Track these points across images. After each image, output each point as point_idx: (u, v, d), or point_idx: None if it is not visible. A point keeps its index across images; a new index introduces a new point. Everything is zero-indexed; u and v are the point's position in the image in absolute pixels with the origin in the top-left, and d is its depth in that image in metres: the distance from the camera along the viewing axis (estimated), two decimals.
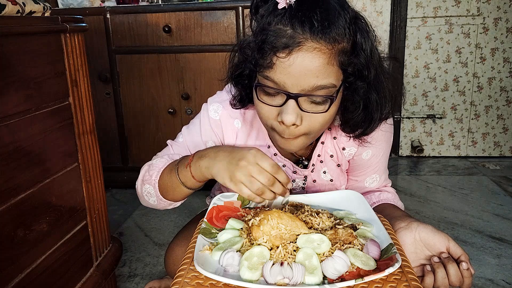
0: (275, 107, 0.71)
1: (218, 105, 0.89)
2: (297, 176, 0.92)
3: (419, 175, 2.32)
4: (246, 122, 0.89)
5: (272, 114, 0.72)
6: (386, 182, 0.96)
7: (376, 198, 0.89)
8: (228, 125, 0.89)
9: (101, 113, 2.10)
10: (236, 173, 0.68)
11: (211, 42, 1.95)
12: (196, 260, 0.61)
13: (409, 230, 0.70)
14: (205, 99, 0.95)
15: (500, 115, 2.50)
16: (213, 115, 0.89)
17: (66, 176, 1.03)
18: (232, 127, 0.89)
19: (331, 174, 0.92)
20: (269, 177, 0.68)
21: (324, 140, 0.89)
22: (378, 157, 0.92)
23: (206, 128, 0.91)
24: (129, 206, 2.02)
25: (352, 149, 0.90)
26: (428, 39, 2.43)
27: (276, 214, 0.67)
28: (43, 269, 0.94)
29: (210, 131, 0.90)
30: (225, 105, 0.89)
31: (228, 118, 0.88)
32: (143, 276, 1.44)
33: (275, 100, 0.71)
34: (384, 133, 0.87)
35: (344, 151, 0.90)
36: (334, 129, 0.88)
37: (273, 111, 0.71)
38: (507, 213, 1.83)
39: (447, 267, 0.65)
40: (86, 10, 2.00)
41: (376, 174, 0.93)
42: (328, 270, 0.60)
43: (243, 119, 0.89)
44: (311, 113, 0.70)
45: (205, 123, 0.91)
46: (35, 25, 0.92)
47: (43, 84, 0.94)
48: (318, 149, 0.90)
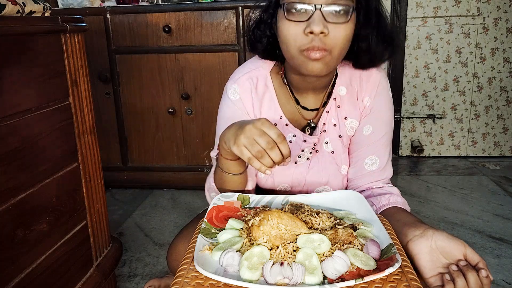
0: (302, 23, 0.78)
1: (234, 85, 0.95)
2: (306, 145, 0.96)
3: (419, 175, 2.32)
4: (258, 94, 0.95)
5: (300, 31, 0.78)
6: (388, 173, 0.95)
7: (386, 200, 0.88)
8: (247, 99, 0.95)
9: (101, 113, 2.10)
10: (240, 136, 0.72)
11: (211, 42, 1.95)
12: (196, 260, 0.61)
13: (424, 238, 0.69)
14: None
15: (500, 115, 2.50)
16: (233, 97, 0.95)
17: (66, 176, 1.03)
18: (249, 100, 0.95)
19: (332, 146, 0.96)
20: (269, 140, 0.71)
21: (329, 110, 0.94)
22: (378, 135, 0.93)
23: (234, 113, 0.95)
24: (129, 206, 2.02)
25: (354, 122, 0.94)
26: (428, 39, 2.43)
27: (276, 214, 0.67)
28: (43, 269, 0.94)
29: (238, 112, 0.95)
30: (239, 82, 0.95)
31: (245, 93, 0.95)
32: (143, 276, 1.44)
33: (302, 16, 0.78)
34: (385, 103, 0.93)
35: (346, 121, 0.94)
36: (339, 97, 0.94)
37: (300, 28, 0.78)
38: (507, 213, 1.83)
39: (466, 276, 0.64)
40: (86, 10, 2.00)
41: (375, 155, 0.93)
42: (328, 270, 0.60)
43: (256, 91, 0.95)
44: (335, 24, 0.77)
45: (230, 109, 0.96)
46: (35, 25, 0.92)
47: (43, 84, 0.94)
48: (323, 118, 0.95)
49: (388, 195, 0.89)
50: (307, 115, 0.96)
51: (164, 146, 2.14)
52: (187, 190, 2.16)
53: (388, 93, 0.94)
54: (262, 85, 0.95)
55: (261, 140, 0.70)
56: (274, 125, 0.73)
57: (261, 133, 0.71)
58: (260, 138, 0.71)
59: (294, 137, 0.95)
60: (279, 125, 0.95)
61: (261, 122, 0.72)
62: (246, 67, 0.96)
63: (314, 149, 0.97)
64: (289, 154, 0.72)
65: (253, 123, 0.72)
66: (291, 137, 0.95)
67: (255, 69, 0.95)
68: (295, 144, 0.95)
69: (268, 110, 0.95)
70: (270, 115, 0.95)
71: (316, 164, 0.97)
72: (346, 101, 0.94)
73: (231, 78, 0.97)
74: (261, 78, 0.95)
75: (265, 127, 0.72)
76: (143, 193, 2.16)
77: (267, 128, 0.71)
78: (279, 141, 0.71)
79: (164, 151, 2.14)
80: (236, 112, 0.95)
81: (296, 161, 0.97)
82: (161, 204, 2.03)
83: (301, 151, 0.96)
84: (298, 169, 0.98)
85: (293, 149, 0.95)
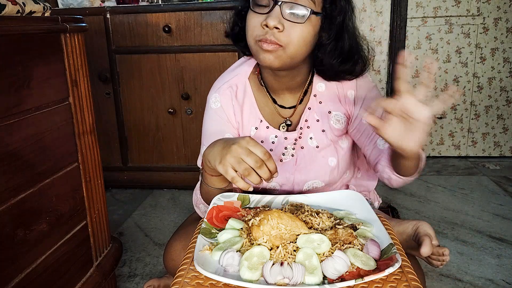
0: (262, 15, 0.82)
1: (215, 94, 0.99)
2: (288, 143, 0.98)
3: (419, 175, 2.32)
4: (238, 100, 0.99)
5: (259, 22, 0.82)
6: None
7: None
8: (228, 106, 0.98)
9: (101, 113, 2.10)
10: (226, 155, 0.73)
11: (211, 42, 1.95)
12: (196, 260, 0.61)
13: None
14: (205, 99, 1.01)
15: (500, 115, 2.50)
16: (215, 105, 0.99)
17: (66, 176, 1.03)
18: (231, 107, 0.98)
19: (317, 141, 0.98)
20: (256, 159, 0.71)
21: (311, 106, 0.97)
22: None
23: (217, 121, 0.98)
24: (129, 206, 2.02)
25: (338, 114, 0.97)
26: (428, 39, 2.43)
27: (276, 214, 0.67)
28: (43, 269, 0.94)
29: (221, 121, 0.98)
30: (220, 91, 0.98)
31: (226, 101, 0.98)
32: (143, 276, 1.44)
33: (263, 9, 0.82)
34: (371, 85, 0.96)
35: (330, 114, 0.97)
36: (319, 94, 0.96)
37: (260, 19, 0.82)
38: (507, 213, 1.83)
39: None
40: (86, 10, 2.00)
41: None
42: (328, 270, 0.60)
43: (236, 99, 0.98)
44: (291, 23, 0.81)
45: (213, 117, 0.99)
46: (35, 25, 0.92)
47: (43, 84, 0.94)
48: (305, 114, 0.97)
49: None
50: (285, 113, 0.99)
51: (164, 146, 2.14)
52: (187, 190, 2.16)
53: (369, 80, 0.97)
54: (242, 92, 0.98)
55: (249, 159, 0.71)
56: (258, 143, 0.74)
57: (248, 152, 0.72)
58: (247, 157, 0.71)
59: (276, 138, 0.98)
60: (260, 128, 0.98)
61: (246, 141, 0.73)
62: (226, 76, 1.00)
63: (297, 145, 0.98)
64: (276, 170, 0.73)
65: (238, 143, 0.73)
66: (273, 138, 0.98)
67: (234, 77, 0.99)
68: (278, 144, 0.98)
69: (249, 115, 0.98)
70: (251, 119, 0.98)
71: (302, 160, 0.99)
72: (327, 96, 0.97)
73: (212, 88, 1.01)
74: (240, 85, 0.98)
75: (250, 145, 0.72)
76: (143, 193, 2.16)
77: (252, 147, 0.72)
78: (265, 158, 0.72)
79: (164, 151, 2.14)
80: (218, 121, 0.98)
81: (281, 159, 0.99)
82: (161, 204, 2.03)
83: (284, 149, 0.99)
84: (285, 167, 0.99)
85: (277, 149, 0.98)
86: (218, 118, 0.98)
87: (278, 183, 1.00)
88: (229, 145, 0.74)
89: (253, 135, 0.98)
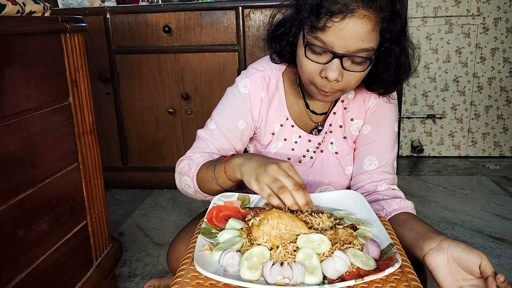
0: (319, 64, 0.79)
1: (246, 79, 0.95)
2: (311, 145, 0.97)
3: (419, 175, 2.32)
4: (269, 94, 0.95)
5: (316, 70, 0.79)
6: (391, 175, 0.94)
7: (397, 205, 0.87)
8: (255, 97, 0.95)
9: (101, 113, 2.10)
10: (263, 174, 0.72)
11: (211, 42, 1.95)
12: (196, 260, 0.61)
13: (441, 251, 0.67)
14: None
15: (500, 115, 2.50)
16: (243, 90, 0.95)
17: (66, 176, 1.03)
18: (258, 98, 0.95)
19: (337, 147, 0.97)
20: (295, 182, 0.71)
21: (336, 111, 0.95)
22: (377, 136, 0.93)
23: (238, 105, 0.95)
24: (129, 206, 2.02)
25: (359, 122, 0.96)
26: (428, 39, 2.43)
27: (276, 214, 0.67)
28: (43, 269, 0.94)
29: (243, 106, 0.95)
30: (252, 78, 0.95)
31: (255, 91, 0.95)
32: (143, 276, 1.44)
33: (320, 58, 0.78)
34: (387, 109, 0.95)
35: (352, 122, 0.95)
36: (346, 100, 0.95)
37: (317, 67, 0.79)
38: (507, 213, 1.83)
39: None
40: (86, 10, 2.00)
41: (373, 156, 0.93)
42: (328, 270, 0.60)
43: (267, 91, 0.95)
44: (351, 72, 0.78)
45: (237, 100, 0.95)
46: (35, 25, 0.92)
47: (43, 84, 0.94)
48: (330, 119, 0.96)
49: (399, 199, 0.88)
50: (315, 118, 0.97)
51: (164, 146, 2.13)
52: None
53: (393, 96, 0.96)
54: (274, 86, 0.95)
55: (286, 181, 0.71)
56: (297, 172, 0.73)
57: (287, 176, 0.71)
58: (286, 178, 0.71)
59: (299, 138, 0.96)
60: (285, 126, 0.95)
61: (287, 166, 0.73)
62: (260, 65, 0.96)
63: (318, 149, 0.97)
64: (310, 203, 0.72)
65: (278, 164, 0.73)
66: (297, 138, 0.96)
67: (270, 69, 0.96)
68: (300, 145, 0.96)
69: (276, 111, 0.96)
70: (277, 116, 0.96)
71: (319, 164, 0.98)
72: (353, 103, 0.95)
73: (243, 73, 0.97)
74: (273, 79, 0.95)
75: (290, 171, 0.72)
76: (143, 193, 2.16)
77: (292, 173, 0.72)
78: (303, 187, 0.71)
79: (164, 151, 2.14)
80: (239, 105, 0.95)
81: (300, 160, 0.98)
82: (161, 204, 2.03)
83: (306, 151, 0.97)
84: (301, 168, 0.98)
85: (299, 149, 0.97)
86: (241, 103, 0.95)
87: None
88: (267, 164, 0.73)
89: (277, 132, 0.96)
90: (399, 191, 0.92)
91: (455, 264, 0.66)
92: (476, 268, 0.64)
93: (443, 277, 0.66)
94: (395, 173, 0.96)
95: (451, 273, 0.66)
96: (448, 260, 0.66)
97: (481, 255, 0.65)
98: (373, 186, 0.93)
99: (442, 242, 0.68)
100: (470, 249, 0.66)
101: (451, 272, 0.66)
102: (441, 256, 0.67)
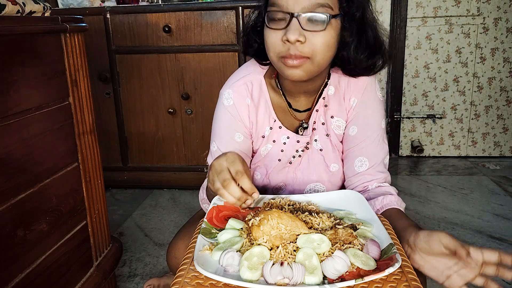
0: (280, 31, 0.79)
1: (228, 90, 0.96)
2: (299, 146, 0.97)
3: (419, 175, 2.32)
4: (254, 99, 0.95)
5: (279, 39, 0.79)
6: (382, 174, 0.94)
7: (380, 204, 0.87)
8: (241, 105, 0.95)
9: (101, 113, 2.10)
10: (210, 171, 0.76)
11: (211, 42, 1.95)
12: (196, 260, 0.61)
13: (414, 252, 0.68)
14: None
15: (500, 115, 2.50)
16: (227, 103, 0.95)
17: (66, 176, 1.03)
18: (245, 106, 0.95)
19: (321, 144, 0.97)
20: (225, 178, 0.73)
21: (318, 108, 0.95)
22: (364, 136, 0.93)
23: (228, 119, 0.96)
24: (129, 206, 2.02)
25: (340, 120, 0.95)
26: (428, 39, 2.43)
27: (276, 214, 0.67)
28: (43, 269, 0.94)
29: (232, 119, 0.96)
30: (234, 87, 0.95)
31: (240, 99, 0.95)
32: (143, 276, 1.44)
33: (280, 24, 0.79)
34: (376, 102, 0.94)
35: (332, 119, 0.95)
36: (327, 97, 0.94)
37: (279, 35, 0.79)
38: (507, 213, 1.83)
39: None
40: (86, 10, 2.00)
41: (363, 157, 0.93)
42: (328, 270, 0.60)
43: (251, 97, 0.95)
44: (312, 32, 0.77)
45: (225, 115, 0.96)
46: (35, 25, 0.92)
47: (43, 84, 0.94)
48: (313, 116, 0.95)
49: (382, 197, 0.88)
50: (300, 116, 0.97)
51: (164, 146, 2.14)
52: (187, 190, 2.16)
53: (376, 95, 0.94)
54: (257, 90, 0.95)
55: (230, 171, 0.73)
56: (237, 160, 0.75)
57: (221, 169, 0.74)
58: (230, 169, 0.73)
59: (288, 139, 0.96)
60: (273, 128, 0.96)
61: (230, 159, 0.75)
62: (241, 72, 0.97)
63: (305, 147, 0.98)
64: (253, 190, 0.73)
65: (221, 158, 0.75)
66: (285, 139, 0.96)
67: (250, 74, 0.96)
68: (289, 146, 0.96)
69: (264, 115, 0.96)
70: (266, 119, 0.96)
71: (306, 161, 0.98)
72: (333, 100, 0.95)
73: (226, 84, 0.98)
74: (255, 83, 0.95)
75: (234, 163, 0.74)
76: (143, 193, 2.16)
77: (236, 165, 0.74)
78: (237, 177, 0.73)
79: (164, 151, 2.14)
80: (229, 119, 0.96)
81: (291, 161, 0.98)
82: (161, 204, 2.03)
83: (295, 151, 0.97)
84: (290, 166, 0.99)
85: (288, 150, 0.97)
86: (230, 116, 0.95)
87: (284, 182, 1.00)
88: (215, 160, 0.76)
89: (267, 135, 0.96)
90: (388, 187, 0.92)
91: (428, 256, 0.66)
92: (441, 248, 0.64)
93: (430, 272, 0.67)
94: (387, 169, 0.96)
95: (434, 267, 0.66)
96: (422, 257, 0.67)
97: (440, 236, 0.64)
98: (365, 186, 0.93)
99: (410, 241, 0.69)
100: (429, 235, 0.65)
101: (433, 265, 0.66)
102: (416, 257, 0.67)
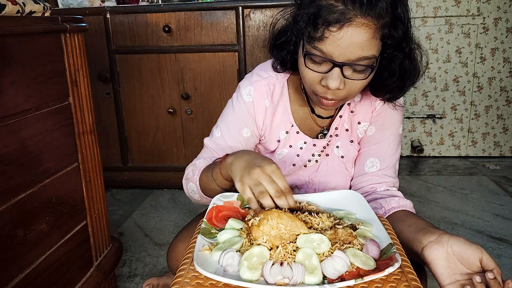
0: (320, 73, 0.78)
1: (250, 87, 0.94)
2: (316, 150, 0.96)
3: (419, 175, 2.32)
4: (273, 102, 0.94)
5: (317, 79, 0.79)
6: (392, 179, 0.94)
7: (396, 203, 0.87)
8: (259, 105, 0.94)
9: (101, 113, 2.10)
10: (247, 176, 0.72)
11: (211, 42, 1.95)
12: (196, 260, 0.61)
13: (440, 244, 0.67)
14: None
15: (500, 115, 2.50)
16: (247, 98, 0.94)
17: (66, 176, 1.03)
18: (262, 106, 0.94)
19: (343, 151, 0.96)
20: (278, 189, 0.70)
21: (342, 114, 0.94)
22: (380, 138, 0.93)
23: (242, 113, 0.95)
24: (129, 206, 2.02)
25: (366, 125, 0.95)
26: (428, 39, 2.43)
27: (276, 214, 0.67)
28: (43, 269, 0.94)
29: (246, 115, 0.95)
30: (256, 86, 0.94)
31: (259, 99, 0.94)
32: (143, 276, 1.44)
33: (320, 67, 0.77)
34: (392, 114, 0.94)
35: (359, 125, 0.95)
36: (353, 103, 0.94)
37: (318, 76, 0.78)
38: (507, 213, 1.83)
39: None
40: (86, 10, 2.00)
41: (375, 158, 0.93)
42: (328, 270, 0.60)
43: (271, 99, 0.94)
44: (352, 80, 0.77)
45: (241, 108, 0.95)
46: (35, 25, 0.92)
47: (43, 84, 0.94)
48: (336, 122, 0.95)
49: (397, 198, 0.88)
50: (321, 122, 0.96)
51: (164, 146, 2.14)
52: None
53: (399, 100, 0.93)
54: (278, 93, 0.94)
55: (269, 187, 0.70)
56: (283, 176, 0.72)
57: (270, 181, 0.71)
58: (269, 184, 0.70)
59: (304, 144, 0.95)
60: (290, 133, 0.95)
61: (271, 169, 0.72)
62: (266, 72, 0.95)
63: (323, 152, 0.97)
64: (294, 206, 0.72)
65: (263, 167, 0.71)
66: (302, 144, 0.95)
67: (274, 76, 0.94)
68: (306, 150, 0.96)
69: (281, 119, 0.95)
70: (282, 123, 0.95)
71: (324, 168, 0.97)
72: (360, 106, 0.94)
73: (247, 78, 0.96)
74: (278, 86, 0.94)
75: (274, 175, 0.71)
76: (143, 193, 2.16)
77: (276, 177, 0.71)
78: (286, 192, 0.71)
79: (164, 151, 2.14)
80: (243, 113, 0.95)
81: (306, 165, 0.97)
82: (161, 204, 2.03)
83: (311, 156, 0.97)
84: (306, 171, 0.98)
85: (304, 154, 0.96)
86: (245, 112, 0.94)
87: (298, 185, 0.99)
88: (253, 166, 0.72)
89: (282, 139, 0.95)
90: (398, 192, 0.92)
91: (454, 257, 0.66)
92: (477, 262, 0.64)
93: (441, 269, 0.66)
94: (397, 175, 0.96)
95: (449, 267, 0.66)
96: (448, 253, 0.66)
97: (481, 250, 0.65)
98: (372, 188, 0.93)
99: (442, 235, 0.69)
100: (470, 243, 0.66)
101: (449, 265, 0.66)
102: (440, 249, 0.67)
